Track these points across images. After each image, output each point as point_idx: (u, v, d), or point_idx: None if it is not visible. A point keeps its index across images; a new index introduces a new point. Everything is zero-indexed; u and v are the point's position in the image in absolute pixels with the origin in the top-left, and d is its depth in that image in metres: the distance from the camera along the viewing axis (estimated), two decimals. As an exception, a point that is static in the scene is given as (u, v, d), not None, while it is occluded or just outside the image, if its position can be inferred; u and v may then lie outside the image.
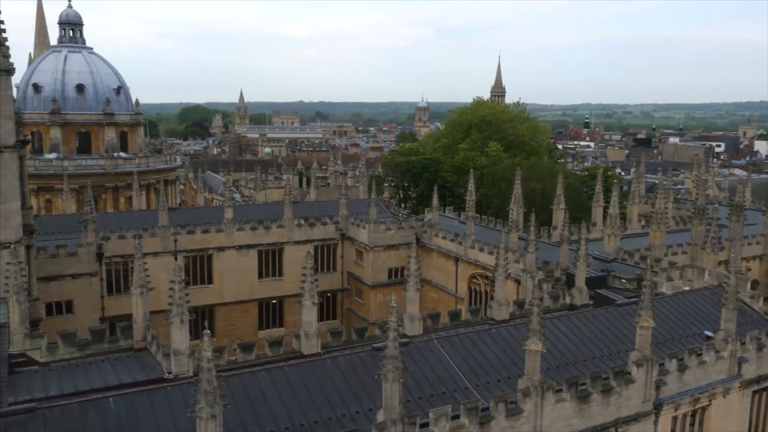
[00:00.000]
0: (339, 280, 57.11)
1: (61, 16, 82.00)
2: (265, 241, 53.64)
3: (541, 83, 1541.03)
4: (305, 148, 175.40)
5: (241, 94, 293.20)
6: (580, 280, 34.99)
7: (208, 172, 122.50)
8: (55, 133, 77.63)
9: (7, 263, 27.02)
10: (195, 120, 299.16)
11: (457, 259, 51.39)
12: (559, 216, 52.25)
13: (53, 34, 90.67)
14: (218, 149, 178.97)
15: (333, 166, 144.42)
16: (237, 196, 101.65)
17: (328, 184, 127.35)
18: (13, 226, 30.65)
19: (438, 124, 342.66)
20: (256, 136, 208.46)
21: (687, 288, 35.64)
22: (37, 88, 78.54)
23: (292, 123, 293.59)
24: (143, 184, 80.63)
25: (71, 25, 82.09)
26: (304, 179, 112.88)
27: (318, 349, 28.18)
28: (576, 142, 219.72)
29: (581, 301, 34.39)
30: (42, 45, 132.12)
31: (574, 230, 52.39)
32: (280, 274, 54.68)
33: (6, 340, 28.10)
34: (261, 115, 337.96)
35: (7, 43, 30.29)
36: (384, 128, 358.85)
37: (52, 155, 76.19)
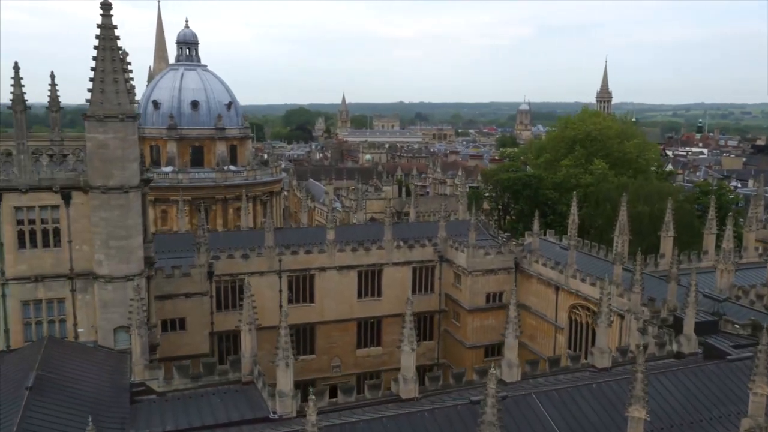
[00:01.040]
0: (436, 302, 57.42)
1: (178, 36, 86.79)
2: (365, 262, 54.67)
3: (650, 81, 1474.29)
4: (405, 154, 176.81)
5: (343, 97, 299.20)
6: (688, 327, 33.54)
7: (311, 179, 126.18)
8: (172, 147, 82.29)
9: (131, 299, 29.14)
10: (299, 122, 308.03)
11: (557, 288, 50.45)
12: (668, 244, 50.23)
13: (171, 39, 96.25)
14: (320, 154, 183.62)
15: (432, 173, 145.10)
16: (338, 205, 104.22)
17: (427, 193, 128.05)
18: (136, 260, 33.04)
19: (540, 126, 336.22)
20: (357, 140, 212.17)
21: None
22: (156, 104, 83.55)
23: (392, 126, 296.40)
24: (250, 196, 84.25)
25: (188, 44, 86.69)
26: (404, 189, 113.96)
27: (416, 394, 28.63)
28: (687, 149, 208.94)
29: (689, 350, 32.98)
30: (160, 59, 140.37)
31: (683, 258, 50.13)
32: (379, 295, 55.60)
33: (129, 367, 30.44)
34: (362, 117, 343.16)
35: (134, 91, 32.68)
36: (484, 130, 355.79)
37: (168, 168, 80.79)
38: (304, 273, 53.24)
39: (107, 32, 31.47)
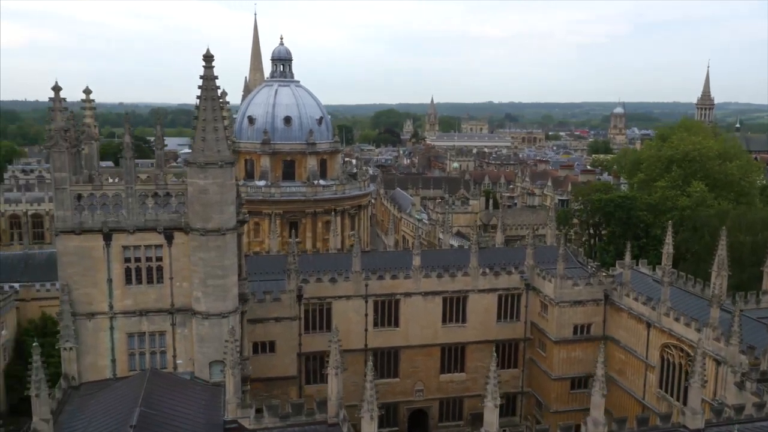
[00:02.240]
0: (522, 330, 56.84)
1: (273, 53, 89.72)
2: (450, 289, 54.86)
3: (758, 80, 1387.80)
4: (492, 161, 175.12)
5: (432, 99, 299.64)
6: (791, 387, 31.89)
7: (398, 189, 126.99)
8: (265, 162, 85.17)
9: (226, 340, 30.65)
10: (387, 124, 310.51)
11: (649, 325, 48.82)
12: (771, 281, 47.75)
13: (265, 44, 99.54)
14: (408, 160, 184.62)
15: (521, 182, 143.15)
16: (424, 217, 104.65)
17: (515, 204, 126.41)
18: (231, 297, 34.72)
19: (635, 129, 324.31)
20: (445, 145, 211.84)
21: None
22: (251, 120, 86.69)
23: (481, 129, 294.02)
24: (338, 210, 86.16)
25: (282, 61, 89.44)
26: (491, 200, 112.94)
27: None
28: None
29: (792, 412, 31.33)
30: (255, 69, 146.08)
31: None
32: (464, 321, 55.65)
33: (222, 402, 32.02)
34: (451, 119, 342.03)
35: (229, 141, 34.30)
36: (576, 132, 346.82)
37: (261, 182, 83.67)
38: (389, 298, 53.98)
39: (208, 83, 33.16)
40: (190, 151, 34.82)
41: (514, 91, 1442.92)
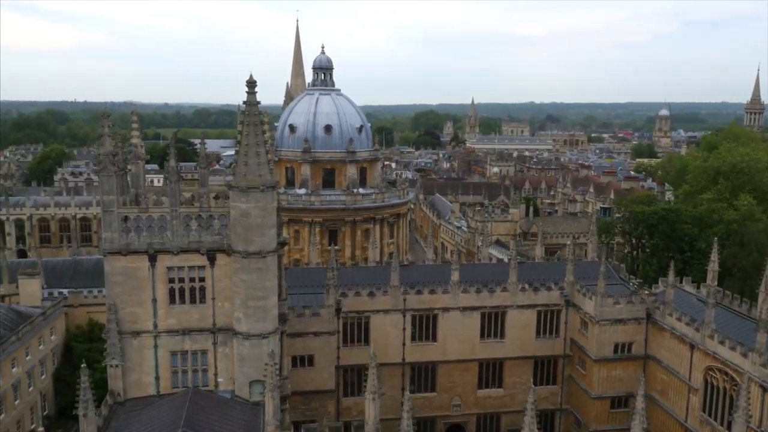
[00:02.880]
0: (561, 346, 56.26)
1: (314, 62, 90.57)
2: (489, 304, 54.64)
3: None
4: (533, 165, 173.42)
5: (472, 101, 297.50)
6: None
7: (437, 195, 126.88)
8: (305, 170, 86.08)
9: (266, 364, 31.16)
10: (427, 126, 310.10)
11: (692, 346, 47.85)
12: (823, 303, 46.22)
13: (308, 53, 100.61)
14: (447, 164, 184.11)
15: (562, 188, 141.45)
16: (463, 224, 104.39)
17: (556, 211, 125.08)
18: (271, 318, 35.30)
19: (681, 131, 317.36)
20: (485, 148, 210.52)
21: None
22: (292, 128, 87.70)
23: (522, 132, 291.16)
24: (378, 218, 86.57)
25: (323, 69, 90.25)
26: (531, 207, 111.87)
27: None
28: None
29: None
30: (297, 75, 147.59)
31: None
32: (502, 336, 55.35)
33: (261, 422, 32.58)
34: (491, 120, 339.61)
35: (272, 163, 34.86)
36: (619, 134, 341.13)
37: (302, 191, 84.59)
38: (427, 312, 54.04)
39: (251, 109, 33.77)
40: (232, 153, 35.48)
41: (556, 91, 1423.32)
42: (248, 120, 33.61)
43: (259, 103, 34.02)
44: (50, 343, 60.29)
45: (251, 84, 33.68)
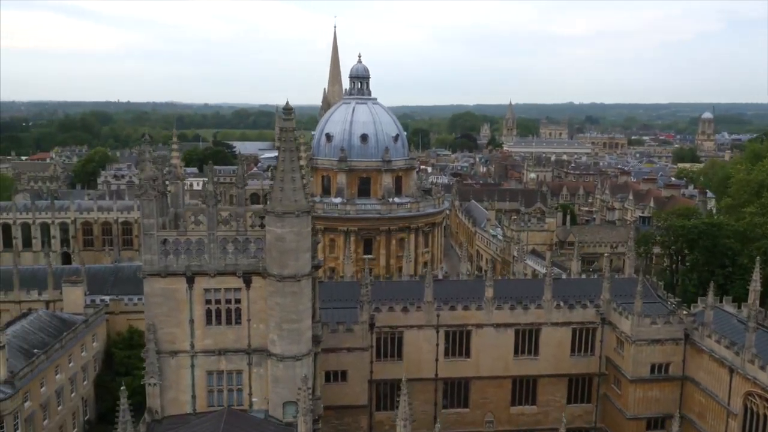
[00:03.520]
0: (596, 364, 55.68)
1: (351, 71, 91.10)
2: (523, 321, 54.37)
3: None
4: (571, 171, 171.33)
5: (510, 103, 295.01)
6: None
7: (473, 201, 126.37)
8: (341, 178, 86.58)
9: (299, 388, 31.58)
10: (463, 128, 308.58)
11: (731, 370, 46.92)
12: None
13: (345, 56, 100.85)
14: (484, 168, 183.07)
15: (600, 195, 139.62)
16: (499, 232, 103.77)
17: (594, 219, 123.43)
18: (305, 341, 35.78)
19: (725, 134, 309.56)
20: (523, 152, 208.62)
21: None
22: (329, 137, 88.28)
23: (560, 134, 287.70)
24: (413, 227, 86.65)
25: (360, 78, 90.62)
26: (568, 215, 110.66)
27: None
28: None
29: None
30: (334, 81, 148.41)
31: None
32: (536, 353, 55.03)
33: (294, 445, 32.99)
34: (529, 122, 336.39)
35: (307, 188, 35.30)
36: (660, 136, 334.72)
37: (338, 200, 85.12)
38: (461, 329, 54.05)
39: (287, 134, 34.27)
40: (270, 156, 36.06)
41: (595, 92, 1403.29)
42: (284, 146, 34.11)
43: (294, 129, 34.50)
44: (92, 350, 61.92)
45: (288, 111, 34.19)
